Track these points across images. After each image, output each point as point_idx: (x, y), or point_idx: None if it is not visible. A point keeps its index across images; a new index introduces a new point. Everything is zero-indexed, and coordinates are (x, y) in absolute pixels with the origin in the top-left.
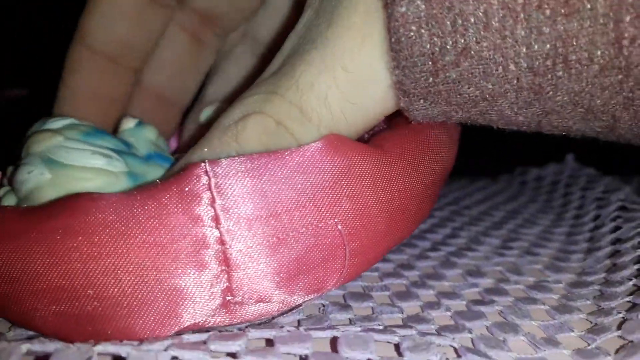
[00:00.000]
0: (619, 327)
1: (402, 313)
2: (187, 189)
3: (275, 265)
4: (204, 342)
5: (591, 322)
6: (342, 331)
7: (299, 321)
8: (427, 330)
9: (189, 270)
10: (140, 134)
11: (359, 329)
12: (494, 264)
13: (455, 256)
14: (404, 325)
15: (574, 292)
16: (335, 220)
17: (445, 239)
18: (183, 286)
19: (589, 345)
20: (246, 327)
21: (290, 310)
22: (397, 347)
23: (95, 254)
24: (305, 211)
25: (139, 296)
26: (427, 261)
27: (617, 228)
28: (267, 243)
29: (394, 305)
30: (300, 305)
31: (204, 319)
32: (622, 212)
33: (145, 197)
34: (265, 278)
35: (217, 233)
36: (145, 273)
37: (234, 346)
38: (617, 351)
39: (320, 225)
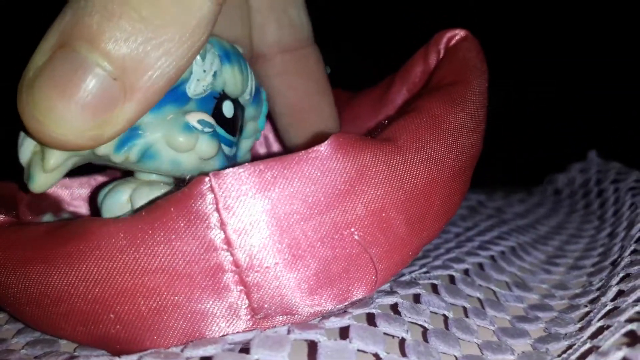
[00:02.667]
0: None
1: None
2: (193, 209)
3: (294, 282)
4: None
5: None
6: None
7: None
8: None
9: (207, 294)
10: None
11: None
12: (540, 280)
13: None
14: None
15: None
16: (352, 229)
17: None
18: (203, 309)
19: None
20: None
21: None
22: None
23: (111, 279)
24: (319, 224)
25: (159, 320)
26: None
27: None
28: (283, 261)
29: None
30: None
31: (230, 333)
32: None
33: (152, 221)
34: (286, 295)
35: (230, 257)
36: (162, 298)
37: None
38: None
39: (336, 237)
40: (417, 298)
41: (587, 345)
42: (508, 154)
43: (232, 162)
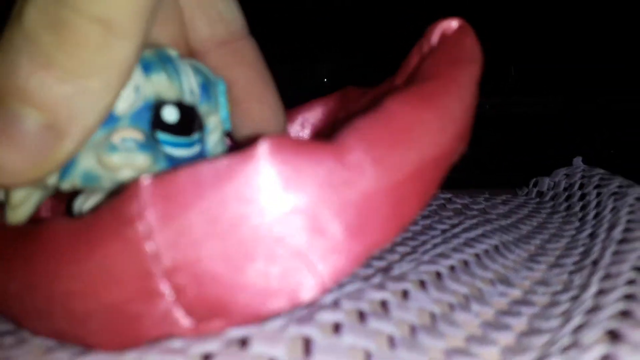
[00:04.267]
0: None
1: None
2: (123, 214)
3: (228, 285)
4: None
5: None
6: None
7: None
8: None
9: (140, 298)
10: None
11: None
12: (522, 277)
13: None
14: None
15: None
16: (285, 234)
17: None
18: (139, 312)
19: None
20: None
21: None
22: None
23: (55, 278)
24: (252, 228)
25: (97, 321)
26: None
27: (631, 213)
28: (217, 266)
29: None
30: None
31: (171, 333)
32: (638, 202)
33: (91, 223)
34: (221, 298)
35: (159, 262)
36: (98, 300)
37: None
38: None
39: (268, 241)
40: (405, 294)
41: (568, 339)
42: (493, 158)
43: (199, 159)
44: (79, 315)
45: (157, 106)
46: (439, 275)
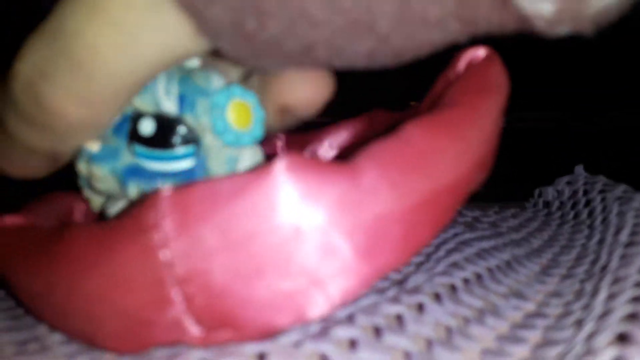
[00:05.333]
0: None
1: None
2: (142, 223)
3: (239, 299)
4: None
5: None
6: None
7: None
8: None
9: (153, 305)
10: None
11: None
12: (535, 290)
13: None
14: None
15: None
16: (297, 252)
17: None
18: (151, 319)
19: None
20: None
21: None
22: None
23: (76, 280)
24: (263, 244)
25: (111, 324)
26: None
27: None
28: (228, 279)
29: None
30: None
31: (181, 340)
32: None
33: (112, 230)
34: (231, 311)
35: (173, 271)
36: (114, 304)
37: None
38: None
39: (279, 258)
40: (420, 307)
41: (581, 347)
42: (496, 171)
43: (190, 174)
44: (95, 318)
45: (134, 118)
46: (453, 287)
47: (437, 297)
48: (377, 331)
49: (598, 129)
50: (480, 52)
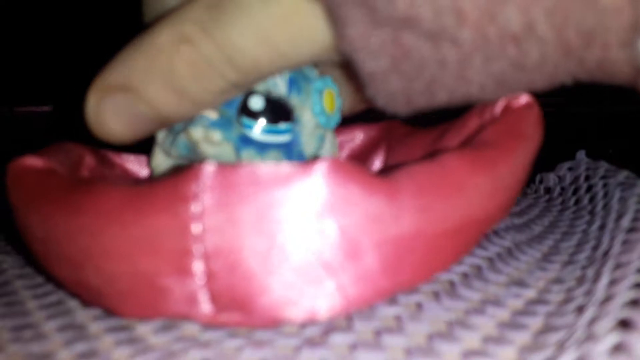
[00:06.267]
0: None
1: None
2: (180, 192)
3: (257, 284)
4: None
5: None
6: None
7: None
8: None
9: (173, 273)
10: None
11: None
12: (536, 277)
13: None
14: None
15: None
16: (323, 250)
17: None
18: (167, 287)
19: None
20: None
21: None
22: None
23: (98, 235)
24: (292, 236)
25: (126, 284)
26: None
27: None
28: (252, 263)
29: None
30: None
31: (189, 314)
32: None
33: (146, 193)
34: (247, 294)
35: (201, 245)
36: (134, 265)
37: None
38: None
39: (305, 253)
40: (419, 306)
41: (582, 332)
42: None
43: (288, 146)
44: (110, 275)
45: (246, 95)
46: (452, 283)
47: (436, 295)
48: (377, 334)
49: (599, 113)
50: (523, 98)
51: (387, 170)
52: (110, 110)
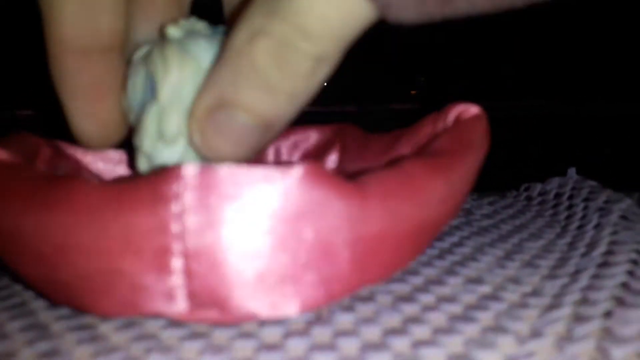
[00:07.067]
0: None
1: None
2: (161, 192)
3: (234, 281)
4: None
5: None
6: None
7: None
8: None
9: (151, 271)
10: None
11: None
12: (495, 275)
13: (460, 265)
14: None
15: (564, 291)
16: (297, 249)
17: (452, 247)
18: (145, 285)
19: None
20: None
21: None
22: None
23: (74, 233)
24: (269, 237)
25: (103, 282)
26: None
27: (615, 233)
28: (228, 261)
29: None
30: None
31: (165, 312)
32: (622, 220)
33: (125, 190)
34: (223, 292)
35: (180, 244)
36: (111, 263)
37: None
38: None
39: (279, 252)
40: (375, 313)
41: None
42: (489, 164)
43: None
44: (85, 272)
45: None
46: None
47: (393, 303)
48: (333, 336)
49: (591, 116)
50: (472, 109)
51: (347, 174)
52: (213, 131)
